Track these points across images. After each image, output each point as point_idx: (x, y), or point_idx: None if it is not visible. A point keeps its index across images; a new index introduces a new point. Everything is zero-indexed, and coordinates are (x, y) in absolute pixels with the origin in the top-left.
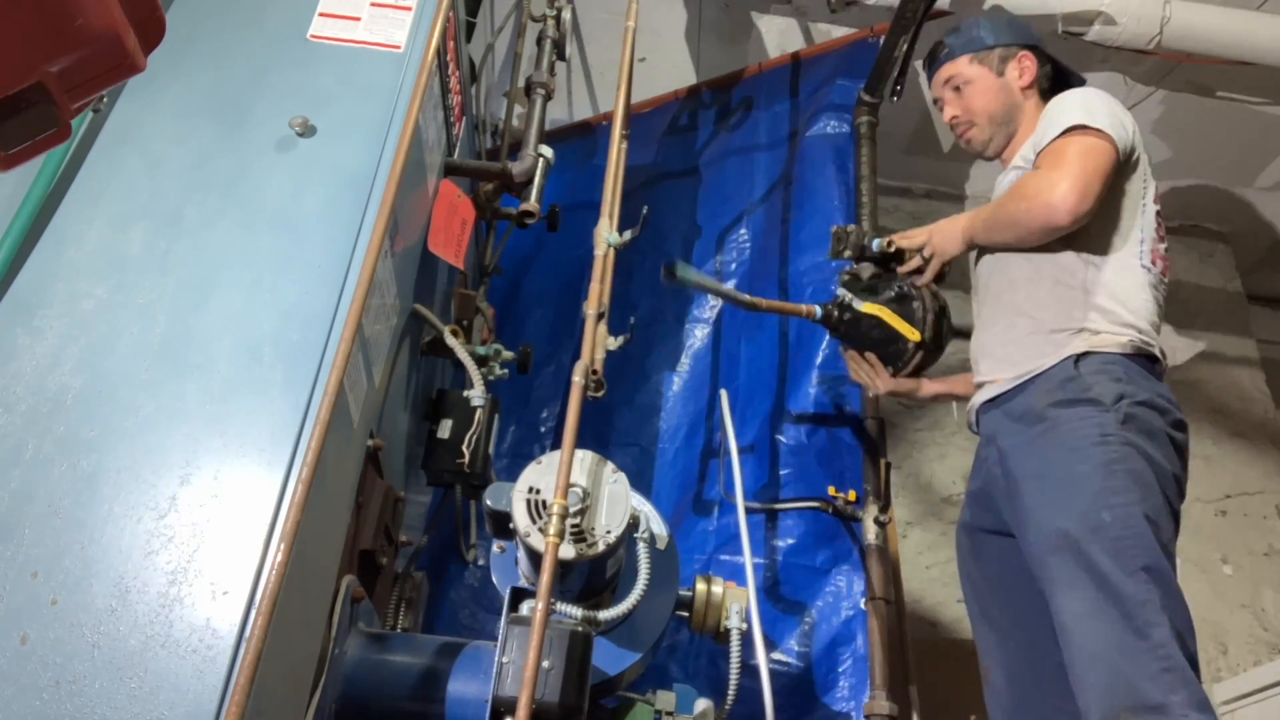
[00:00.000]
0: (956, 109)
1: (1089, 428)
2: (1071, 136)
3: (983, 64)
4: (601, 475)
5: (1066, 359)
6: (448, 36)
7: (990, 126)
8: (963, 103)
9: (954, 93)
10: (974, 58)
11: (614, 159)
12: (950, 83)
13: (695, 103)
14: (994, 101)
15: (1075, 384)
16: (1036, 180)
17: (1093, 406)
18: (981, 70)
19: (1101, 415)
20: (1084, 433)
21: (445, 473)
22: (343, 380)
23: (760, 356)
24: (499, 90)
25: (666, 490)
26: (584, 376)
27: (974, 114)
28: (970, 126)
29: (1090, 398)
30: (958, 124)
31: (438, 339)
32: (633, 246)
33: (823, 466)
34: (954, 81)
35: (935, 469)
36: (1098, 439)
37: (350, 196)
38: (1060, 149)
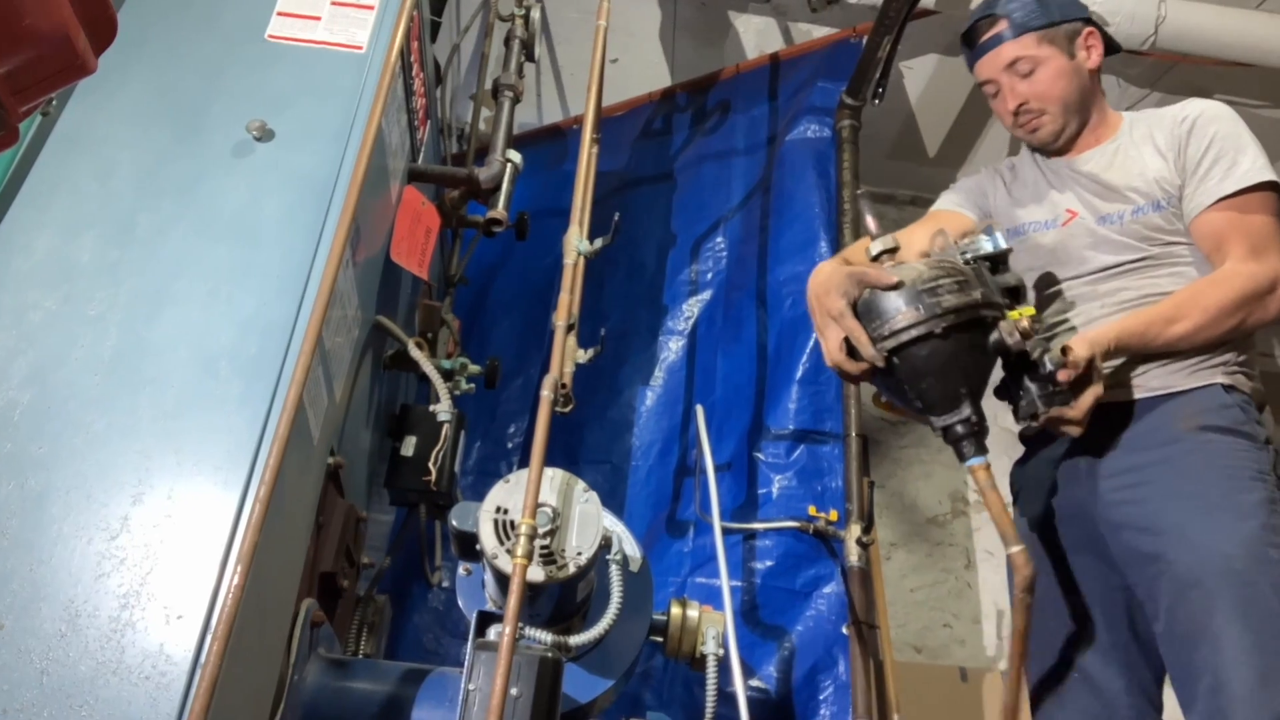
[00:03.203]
0: (1024, 95)
1: (1247, 460)
2: (1265, 200)
3: (1052, 43)
4: (572, 494)
5: (1213, 386)
6: (411, 36)
7: (1064, 116)
8: (1033, 88)
9: (1020, 78)
10: (1042, 36)
11: (584, 164)
12: (1016, 66)
13: (670, 106)
14: (1069, 87)
15: (1229, 413)
16: (1252, 280)
17: (1248, 440)
18: (1052, 51)
19: (1258, 451)
20: (1242, 464)
21: (409, 491)
22: (302, 395)
23: (738, 370)
24: (465, 93)
25: (640, 510)
26: (553, 391)
27: (1047, 101)
28: (1040, 115)
29: (1246, 431)
30: (1024, 112)
31: (401, 352)
32: (604, 255)
33: (803, 485)
34: (1021, 65)
35: (920, 488)
36: (1255, 474)
37: (310, 203)
38: (1265, 229)
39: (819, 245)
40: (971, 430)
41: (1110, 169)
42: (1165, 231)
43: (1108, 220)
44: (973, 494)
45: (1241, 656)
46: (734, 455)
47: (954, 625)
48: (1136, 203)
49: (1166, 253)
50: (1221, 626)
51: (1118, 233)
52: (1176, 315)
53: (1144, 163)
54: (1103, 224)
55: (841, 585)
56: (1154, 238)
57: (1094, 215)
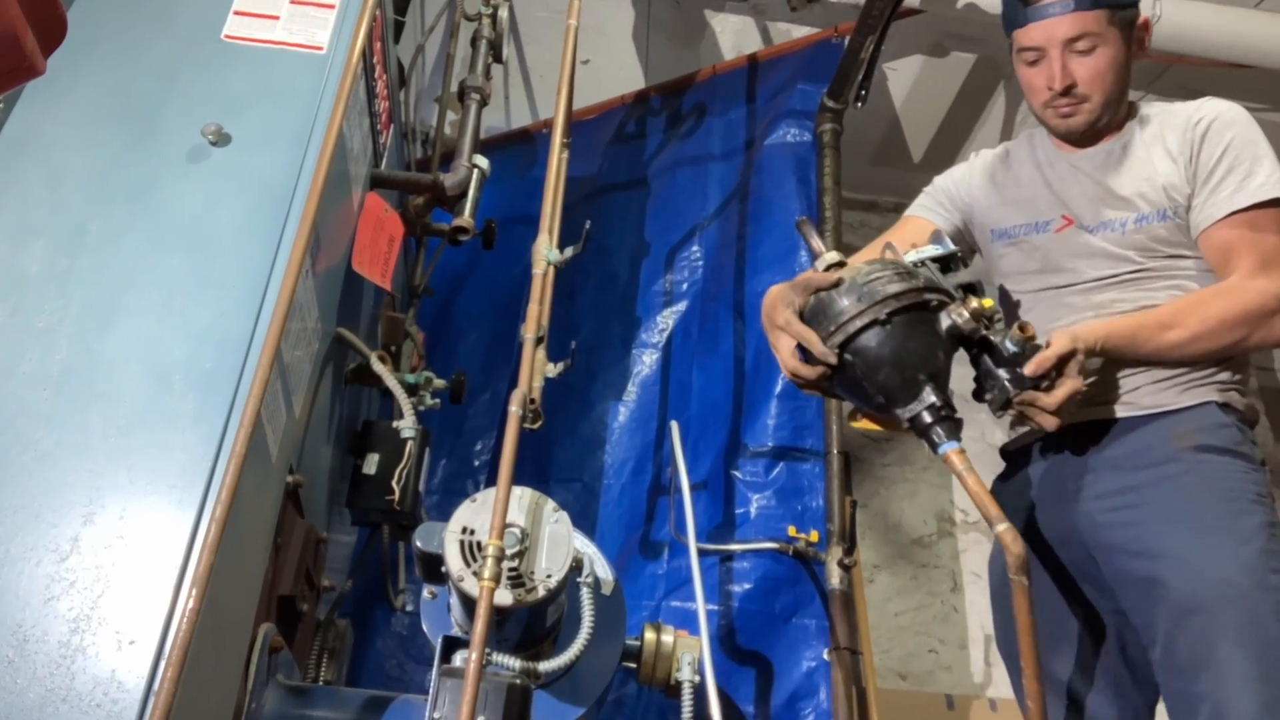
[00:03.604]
0: (1077, 77)
1: (1245, 482)
2: (1274, 217)
3: (1119, 26)
4: (541, 514)
5: (1208, 404)
6: (374, 37)
7: (1104, 110)
8: (1088, 71)
9: (1077, 55)
10: (1114, 15)
11: (554, 170)
12: (1081, 41)
13: (643, 109)
14: (1119, 79)
15: (1225, 433)
16: (1260, 296)
17: (1245, 462)
18: (1116, 35)
19: (1255, 473)
20: (1240, 486)
21: (372, 511)
22: (260, 411)
23: (714, 385)
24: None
25: (612, 530)
26: (521, 406)
27: (1095, 89)
28: (1083, 102)
29: (1243, 452)
30: (1071, 94)
31: (363, 366)
32: (575, 265)
33: (782, 505)
34: (1086, 41)
35: (904, 508)
36: (1254, 496)
37: (268, 211)
38: (1271, 243)
39: (799, 254)
40: (939, 416)
41: (1116, 170)
42: (1168, 243)
43: (1107, 227)
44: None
45: (1245, 686)
46: (710, 473)
47: (940, 651)
48: (1141, 210)
49: (1168, 266)
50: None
51: (1116, 242)
52: (1173, 322)
53: (1153, 166)
54: (1101, 231)
55: (822, 609)
56: (1155, 249)
57: (1092, 220)
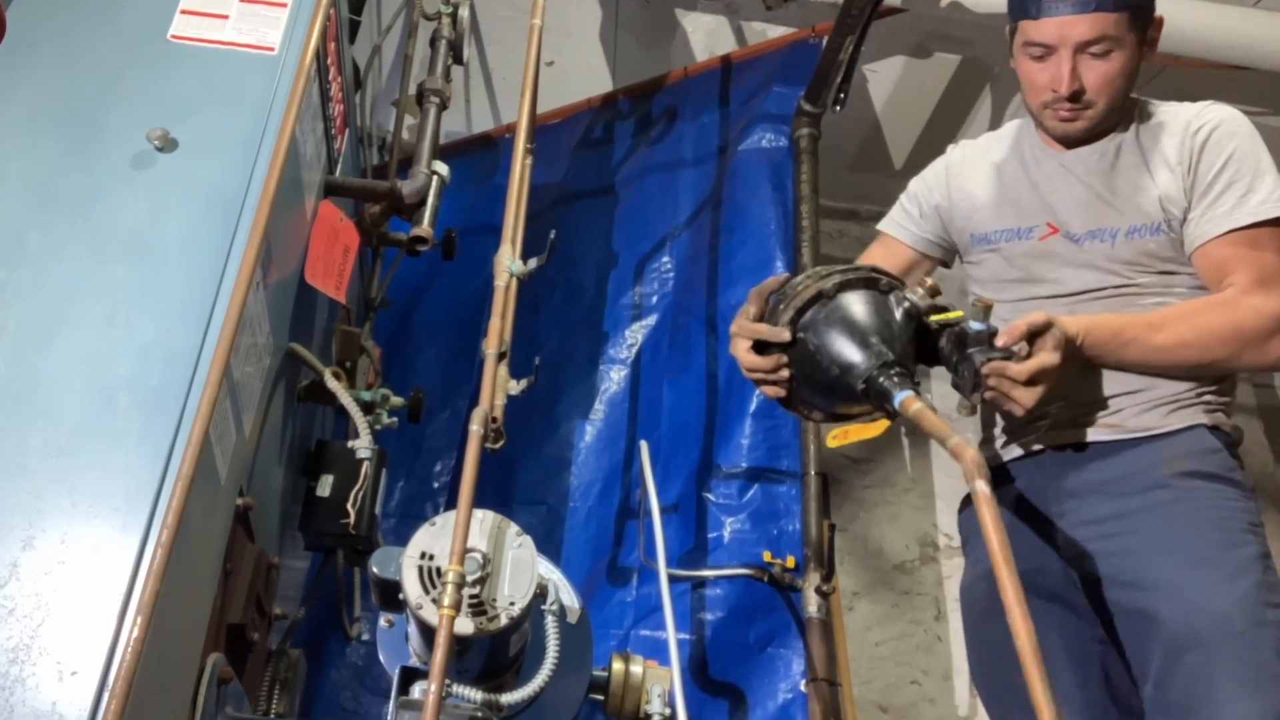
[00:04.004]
0: (1086, 82)
1: (1237, 511)
2: (1274, 235)
3: (1136, 29)
4: (504, 539)
5: (1197, 427)
6: (328, 37)
7: (1108, 116)
8: (1100, 76)
9: (1091, 58)
10: (1135, 18)
11: (517, 177)
12: (1097, 45)
13: (611, 112)
14: (1128, 86)
15: (1216, 458)
16: (1255, 314)
17: (1236, 489)
18: (1133, 38)
19: (1246, 501)
20: (1232, 515)
21: (326, 535)
22: (208, 430)
23: (686, 403)
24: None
25: (578, 556)
26: (483, 425)
27: (1103, 95)
28: (1088, 109)
29: (1234, 479)
30: (1078, 99)
31: (317, 382)
32: (539, 276)
33: (757, 528)
34: (1102, 45)
35: (886, 532)
36: (1247, 526)
37: (217, 220)
38: (1270, 261)
39: (774, 265)
40: (893, 372)
41: (1109, 175)
42: (1160, 258)
43: (1096, 237)
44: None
45: None
46: (681, 496)
47: (923, 682)
48: (1133, 222)
49: (1157, 282)
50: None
51: (1105, 255)
52: (1161, 324)
53: (1150, 175)
54: (1088, 241)
55: (799, 638)
56: (1146, 264)
57: (1080, 229)
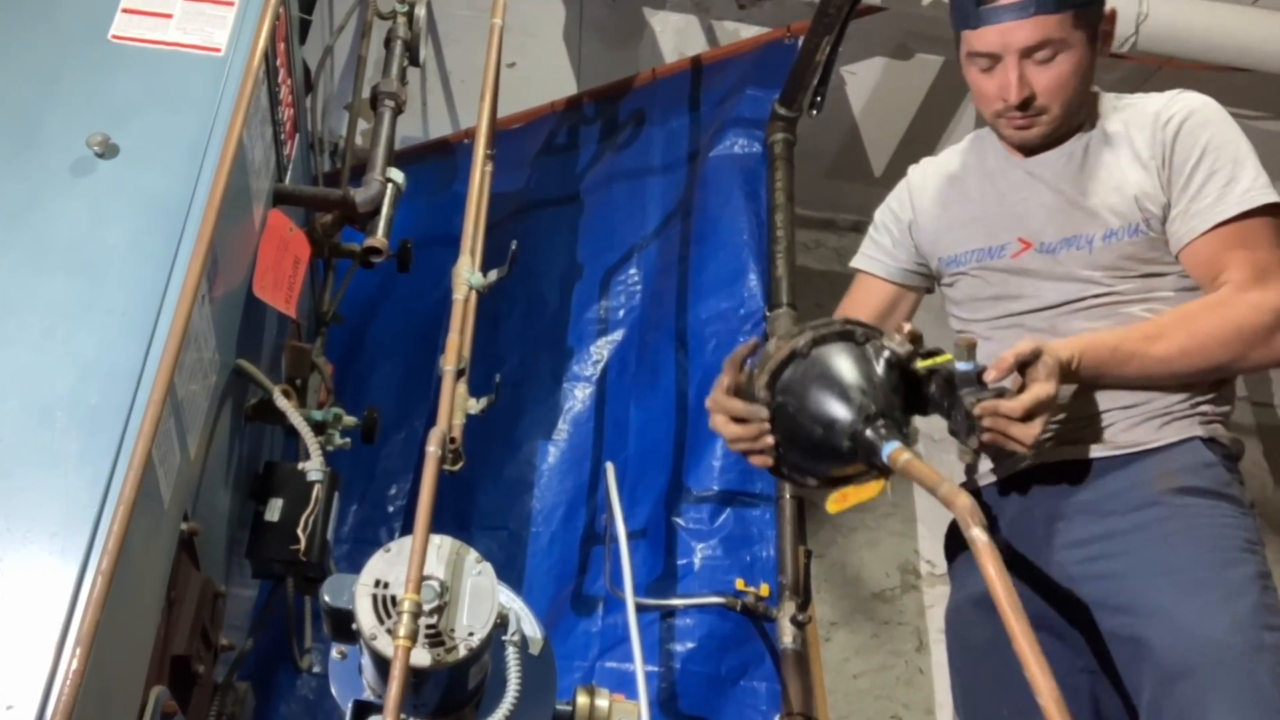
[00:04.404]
0: (1036, 89)
1: (1233, 528)
2: (1268, 225)
3: (1084, 26)
4: (462, 566)
5: (1191, 440)
6: (277, 37)
7: (1065, 120)
8: (1049, 81)
9: (1037, 64)
10: (1080, 17)
11: (476, 184)
12: (1042, 49)
13: (575, 117)
14: (1082, 85)
15: (1211, 473)
16: (1255, 310)
17: (1232, 505)
18: (1080, 36)
19: (1243, 518)
20: (1228, 533)
21: (275, 562)
22: (151, 451)
23: (654, 422)
24: (339, 102)
25: (541, 583)
26: (440, 446)
27: (1056, 100)
28: (1041, 114)
29: (1231, 495)
30: (1029, 105)
31: (266, 401)
32: (499, 289)
33: (729, 555)
34: (1047, 50)
35: (865, 558)
36: (1244, 544)
37: (160, 230)
38: (1272, 256)
39: (747, 277)
40: (878, 424)
41: (1079, 177)
42: (1141, 261)
43: (1072, 244)
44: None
45: None
46: (649, 520)
47: (904, 717)
48: (1110, 225)
49: (1141, 287)
50: None
51: (1083, 263)
52: (1158, 334)
53: (1122, 174)
54: (1063, 250)
55: (773, 670)
56: (1127, 269)
57: (1054, 237)
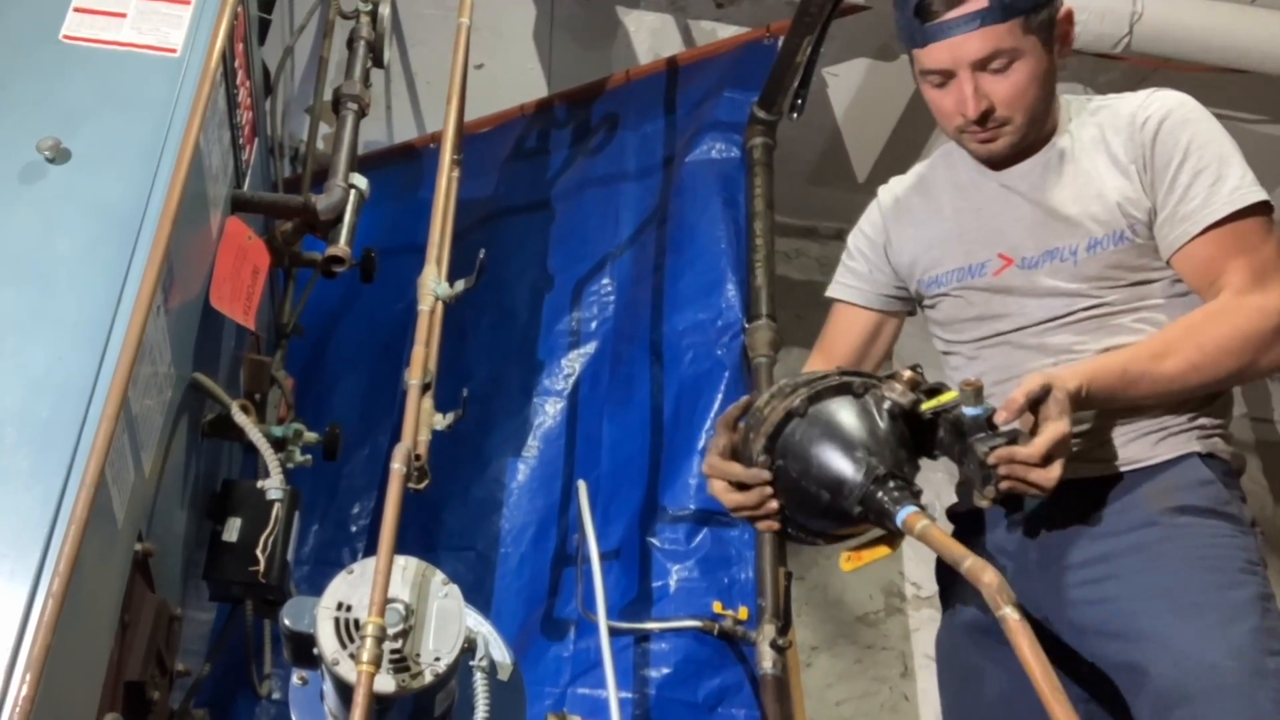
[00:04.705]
0: (994, 100)
1: (1233, 548)
2: (1261, 223)
3: (1036, 31)
4: (428, 588)
5: (1188, 456)
6: (236, 37)
7: (1029, 128)
8: (1005, 91)
9: (991, 75)
10: (1030, 22)
11: (443, 191)
12: (994, 60)
13: (546, 120)
14: (1043, 91)
15: (1209, 490)
16: (1260, 315)
17: (1232, 524)
18: (1033, 42)
19: (1244, 537)
20: (1227, 553)
21: (233, 584)
22: (104, 469)
23: (628, 439)
24: (300, 105)
25: (510, 606)
26: (405, 463)
27: (1016, 109)
28: (1003, 126)
29: (1230, 513)
30: (989, 120)
31: (223, 416)
32: (466, 300)
33: (706, 577)
34: (1000, 60)
35: (847, 581)
36: (1244, 565)
37: (113, 238)
38: (1270, 255)
39: (725, 288)
40: (890, 486)
41: (1056, 185)
42: (1129, 269)
43: (1054, 256)
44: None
45: None
46: (623, 541)
47: None
48: (1094, 234)
49: (1130, 297)
50: None
51: (1068, 275)
52: (1165, 351)
53: (1101, 180)
54: (1046, 263)
55: (753, 697)
56: (1114, 278)
57: (1035, 251)
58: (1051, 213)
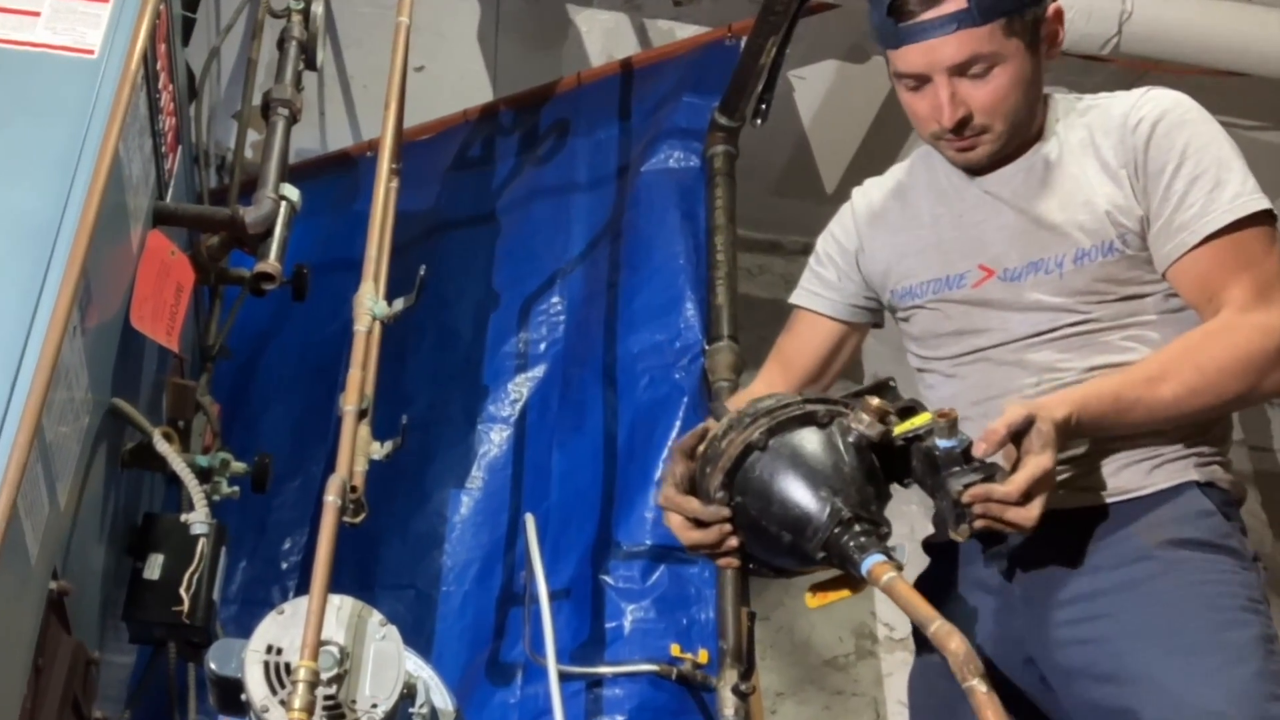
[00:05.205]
0: (972, 107)
1: (1233, 585)
2: (1264, 233)
3: (1018, 34)
4: (365, 629)
5: (1185, 485)
6: (157, 38)
7: (1011, 134)
8: (985, 98)
9: (970, 81)
10: (1012, 24)
11: (380, 203)
12: (974, 65)
13: (491, 127)
14: (1027, 96)
15: (1208, 522)
16: (1262, 334)
17: (1233, 558)
18: (1016, 46)
19: (1245, 573)
20: (1227, 590)
21: (155, 625)
22: (16, 501)
23: (579, 469)
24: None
25: (453, 649)
26: (340, 495)
27: (996, 116)
28: (982, 133)
29: (1231, 546)
30: (968, 127)
31: (145, 445)
32: (406, 320)
33: (664, 617)
34: (979, 65)
35: (815, 622)
36: (1246, 602)
37: (26, 253)
38: (1273, 268)
39: (684, 307)
40: (856, 530)
41: (1041, 191)
42: (1119, 282)
43: (1039, 268)
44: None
45: None
46: (574, 578)
47: None
48: (1081, 245)
49: (1124, 310)
50: None
51: (1053, 289)
52: (1162, 374)
53: (1089, 186)
54: (1030, 275)
55: None
56: (1104, 291)
57: (1019, 261)
58: (1036, 221)
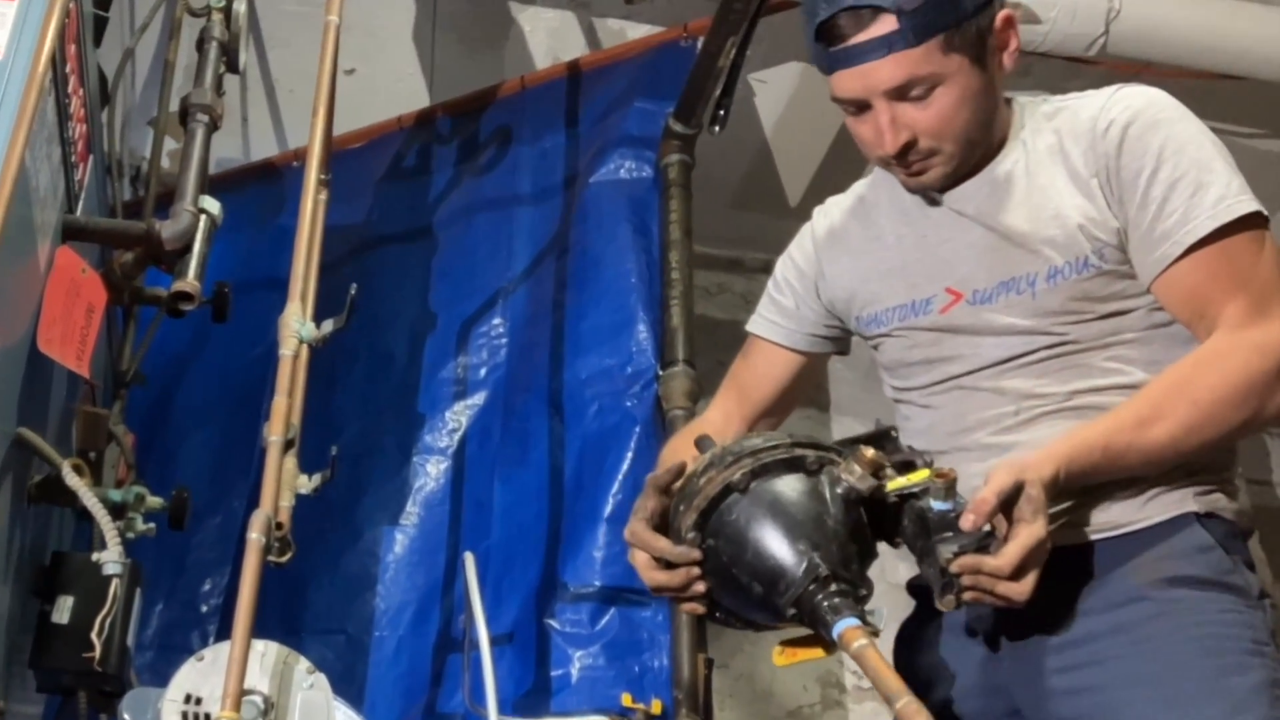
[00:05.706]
0: (916, 131)
1: (1235, 626)
2: (1253, 238)
3: (960, 50)
4: (291, 677)
5: (1185, 517)
6: (67, 38)
7: (963, 153)
8: (928, 120)
9: (909, 104)
10: (952, 39)
11: (309, 216)
12: (913, 88)
13: (428, 134)
14: (976, 112)
15: (1208, 558)
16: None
17: (1236, 596)
18: (959, 62)
19: (1249, 612)
20: (1229, 632)
21: (64, 673)
22: None
23: (523, 504)
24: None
25: (386, 698)
26: (264, 533)
27: (944, 138)
28: (930, 156)
29: (1233, 583)
30: (914, 151)
31: (53, 478)
32: (336, 343)
33: (614, 664)
34: (919, 85)
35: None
36: (1250, 645)
37: None
38: (1267, 277)
39: (636, 329)
40: (831, 590)
41: (1007, 205)
42: (1099, 299)
43: (1010, 288)
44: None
45: None
46: (518, 623)
47: None
48: (1053, 262)
49: (1104, 329)
50: None
51: (1025, 311)
52: (1154, 414)
53: (1059, 198)
54: (1001, 296)
55: None
56: (1080, 311)
57: (987, 283)
58: (1005, 237)
